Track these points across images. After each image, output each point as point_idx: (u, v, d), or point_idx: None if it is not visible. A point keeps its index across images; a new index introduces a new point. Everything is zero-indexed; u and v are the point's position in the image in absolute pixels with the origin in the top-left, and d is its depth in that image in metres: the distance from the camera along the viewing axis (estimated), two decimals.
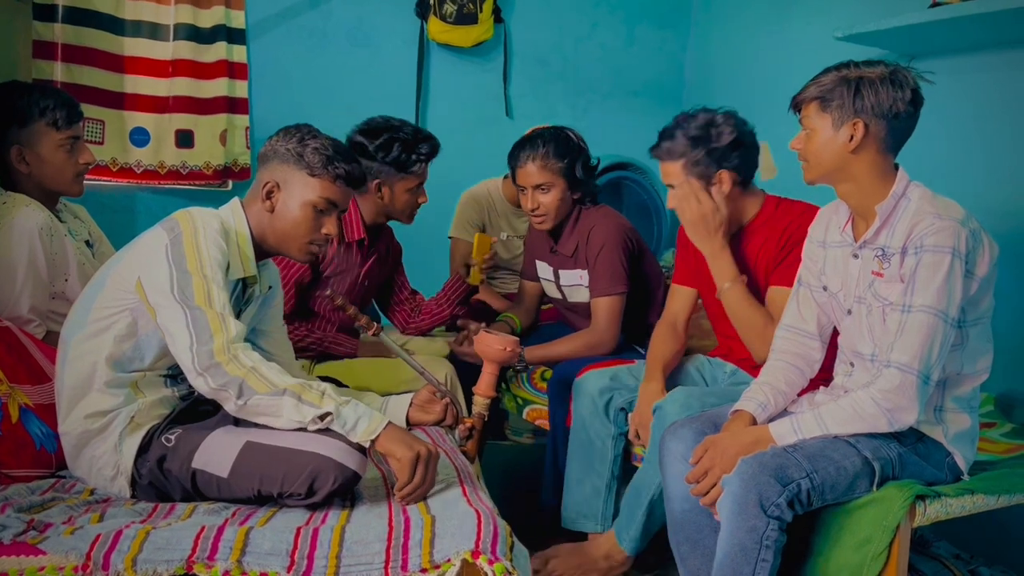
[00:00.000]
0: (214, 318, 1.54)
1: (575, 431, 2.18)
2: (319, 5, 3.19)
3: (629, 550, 2.02)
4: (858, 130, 1.60)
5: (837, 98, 1.60)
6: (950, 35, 2.35)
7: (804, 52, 2.44)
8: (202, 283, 1.56)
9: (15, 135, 1.92)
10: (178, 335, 1.54)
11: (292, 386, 1.53)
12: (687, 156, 1.97)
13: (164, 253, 1.57)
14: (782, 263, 1.96)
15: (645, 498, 1.97)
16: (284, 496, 1.54)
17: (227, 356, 1.52)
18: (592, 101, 3.71)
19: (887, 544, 1.51)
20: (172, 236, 1.59)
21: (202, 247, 1.59)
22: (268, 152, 1.75)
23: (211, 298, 1.55)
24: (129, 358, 1.64)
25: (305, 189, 1.71)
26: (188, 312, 1.54)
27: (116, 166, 2.85)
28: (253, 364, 1.54)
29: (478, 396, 2.01)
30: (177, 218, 1.64)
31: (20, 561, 1.30)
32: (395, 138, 2.27)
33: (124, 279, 1.62)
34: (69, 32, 2.72)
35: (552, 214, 2.38)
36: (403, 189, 2.32)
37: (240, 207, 1.75)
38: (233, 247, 1.69)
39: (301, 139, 1.72)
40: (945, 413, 1.65)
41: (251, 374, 1.52)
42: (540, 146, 2.35)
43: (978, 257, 1.55)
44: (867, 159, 1.62)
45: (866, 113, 1.59)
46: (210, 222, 1.63)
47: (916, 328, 1.52)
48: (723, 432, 1.70)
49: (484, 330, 2.09)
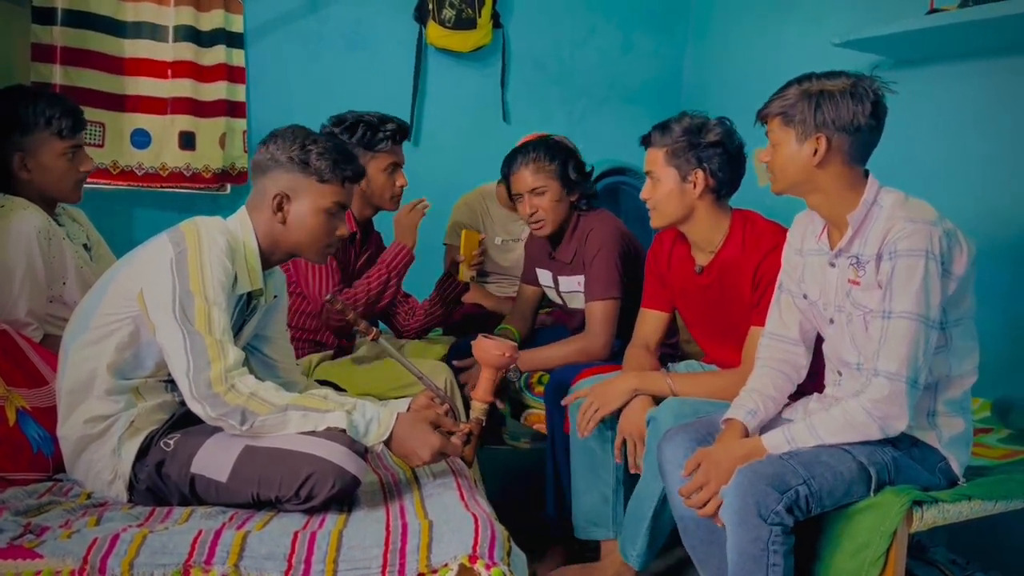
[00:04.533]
0: (212, 344, 1.54)
1: (575, 439, 2.18)
2: (318, 9, 3.19)
3: (638, 566, 1.99)
4: (821, 144, 1.61)
5: (799, 113, 1.62)
6: (947, 41, 2.36)
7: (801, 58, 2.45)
8: (204, 306, 1.55)
9: (18, 142, 1.92)
10: (176, 357, 1.55)
11: (293, 400, 1.56)
12: (671, 145, 1.98)
13: (169, 267, 1.56)
14: (759, 304, 1.96)
15: (648, 510, 1.94)
16: (282, 500, 1.54)
17: (225, 386, 1.53)
18: (589, 107, 3.72)
19: (884, 549, 1.51)
20: (178, 251, 1.58)
21: (206, 266, 1.57)
22: (267, 160, 1.72)
23: (211, 322, 1.55)
24: (131, 366, 1.64)
25: (317, 197, 1.71)
26: (187, 336, 1.53)
27: (116, 169, 2.83)
28: (251, 390, 1.54)
29: (476, 401, 2.01)
30: (184, 231, 1.62)
31: (17, 565, 1.30)
32: (360, 121, 2.34)
33: (127, 288, 1.61)
34: (68, 35, 2.71)
35: (550, 217, 2.39)
36: (376, 169, 2.36)
37: (248, 218, 1.73)
38: (240, 260, 1.68)
39: (303, 146, 1.70)
40: (938, 418, 1.65)
41: (251, 400, 1.54)
42: (531, 151, 2.38)
43: (954, 256, 1.56)
44: (833, 171, 1.63)
45: (827, 127, 1.60)
46: (216, 239, 1.61)
47: (899, 334, 1.53)
48: (716, 444, 1.70)
49: (482, 335, 2.09)
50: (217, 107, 2.96)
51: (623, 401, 2.01)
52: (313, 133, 1.75)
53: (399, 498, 1.61)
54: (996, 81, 2.37)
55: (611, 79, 3.75)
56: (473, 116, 3.49)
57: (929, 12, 2.30)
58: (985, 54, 2.38)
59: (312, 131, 1.76)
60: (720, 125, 2.01)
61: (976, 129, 2.42)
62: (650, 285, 2.24)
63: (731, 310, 2.04)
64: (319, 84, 3.18)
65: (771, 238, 1.98)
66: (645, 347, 2.20)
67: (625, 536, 2.01)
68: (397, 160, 2.39)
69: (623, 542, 2.02)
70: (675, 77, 3.84)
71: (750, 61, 3.35)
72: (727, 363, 2.09)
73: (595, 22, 3.70)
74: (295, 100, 3.12)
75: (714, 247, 2.04)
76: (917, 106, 1.71)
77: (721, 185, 2.00)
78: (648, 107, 3.71)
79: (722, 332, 2.11)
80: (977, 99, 2.42)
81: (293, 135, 1.72)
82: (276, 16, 3.12)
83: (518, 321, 2.63)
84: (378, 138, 2.34)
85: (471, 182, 3.09)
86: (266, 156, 1.72)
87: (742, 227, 2.03)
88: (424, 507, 1.55)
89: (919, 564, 2.02)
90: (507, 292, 3.00)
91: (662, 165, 2.00)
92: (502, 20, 3.46)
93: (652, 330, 2.22)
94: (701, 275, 2.07)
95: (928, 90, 2.50)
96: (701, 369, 2.24)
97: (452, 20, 3.31)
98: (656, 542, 1.98)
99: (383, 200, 2.41)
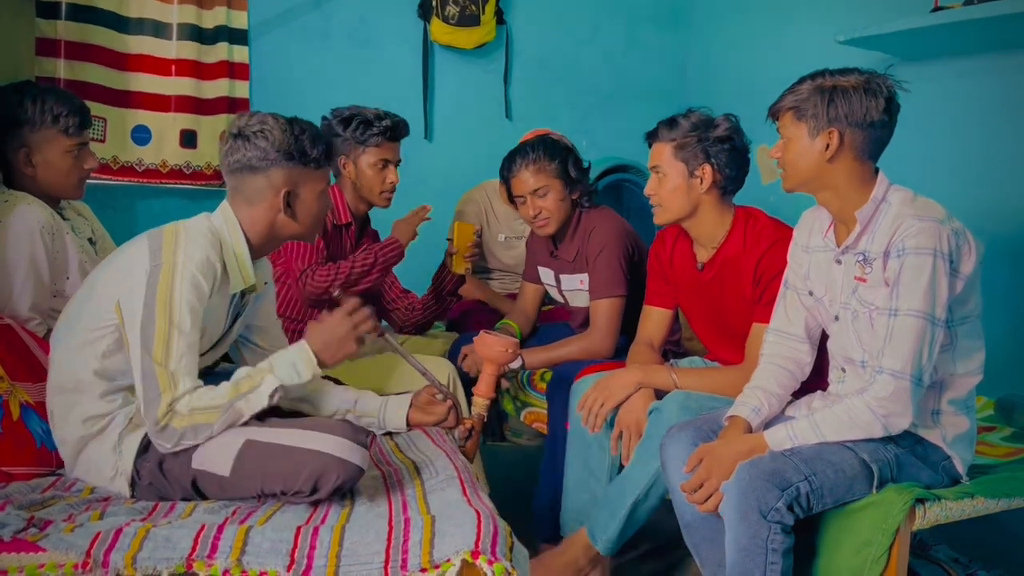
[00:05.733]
0: (163, 375, 1.53)
1: (573, 436, 2.17)
2: (322, 6, 3.19)
3: (604, 550, 1.96)
4: (833, 139, 1.60)
5: (811, 108, 1.61)
6: (952, 39, 2.36)
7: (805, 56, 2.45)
8: (164, 330, 1.53)
9: (24, 138, 1.92)
10: (136, 381, 1.55)
11: (230, 393, 1.57)
12: (679, 139, 1.98)
13: (144, 280, 1.55)
14: (760, 300, 1.96)
15: (629, 498, 1.91)
16: (288, 494, 1.54)
17: (168, 416, 1.53)
18: (593, 104, 3.72)
19: (887, 547, 1.51)
20: (153, 264, 1.55)
21: (176, 288, 1.54)
22: (258, 160, 1.65)
23: (168, 350, 1.53)
24: (120, 371, 1.62)
25: (316, 183, 1.73)
26: (142, 363, 1.53)
27: (117, 164, 2.84)
28: (190, 407, 1.54)
29: (478, 397, 2.01)
30: (164, 240, 1.59)
31: (20, 558, 1.30)
32: (356, 115, 2.37)
33: (107, 295, 1.60)
34: (72, 29, 2.72)
35: (554, 216, 2.38)
36: (366, 164, 2.38)
37: (234, 215, 1.69)
38: (231, 260, 1.67)
39: (296, 137, 1.66)
40: (942, 416, 1.65)
41: (195, 415, 1.54)
42: (530, 152, 2.37)
43: (963, 255, 1.55)
44: (844, 167, 1.63)
45: (840, 122, 1.60)
46: (194, 254, 1.57)
47: (904, 332, 1.53)
48: (718, 440, 1.70)
49: (484, 331, 2.09)
50: (219, 104, 2.96)
51: (627, 394, 2.01)
52: (288, 119, 1.69)
53: (402, 493, 1.61)
54: (1000, 79, 2.36)
55: (615, 76, 3.75)
56: (477, 113, 3.49)
57: (934, 10, 2.30)
58: (989, 51, 2.37)
59: (283, 116, 1.70)
60: (727, 121, 2.00)
61: (980, 126, 2.42)
62: (653, 282, 2.24)
63: (733, 307, 2.04)
64: (323, 81, 3.19)
65: (772, 234, 1.98)
66: (649, 344, 2.20)
67: (596, 520, 1.97)
68: (388, 157, 2.39)
69: (592, 526, 1.98)
70: (679, 74, 3.84)
71: (754, 58, 3.35)
72: (730, 360, 2.09)
73: (599, 19, 3.70)
74: (299, 97, 3.11)
75: (716, 244, 2.04)
76: (921, 103, 1.70)
77: (728, 181, 2.00)
78: (652, 104, 3.71)
79: (724, 329, 2.11)
80: (981, 96, 2.41)
81: (279, 128, 1.66)
82: (280, 12, 3.13)
83: (520, 318, 2.63)
84: (369, 132, 2.35)
85: (475, 178, 3.09)
86: (256, 154, 1.65)
87: (744, 224, 2.02)
88: (427, 502, 1.55)
89: (921, 562, 2.01)
90: (510, 289, 3.00)
91: (669, 159, 1.99)
92: (506, 17, 3.46)
93: (655, 327, 2.22)
94: (703, 272, 2.07)
95: (932, 88, 2.49)
96: (704, 366, 2.23)
97: (456, 17, 3.30)
98: (627, 532, 1.95)
99: (372, 195, 2.42)
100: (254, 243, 1.72)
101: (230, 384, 1.59)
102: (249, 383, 1.59)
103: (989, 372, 1.68)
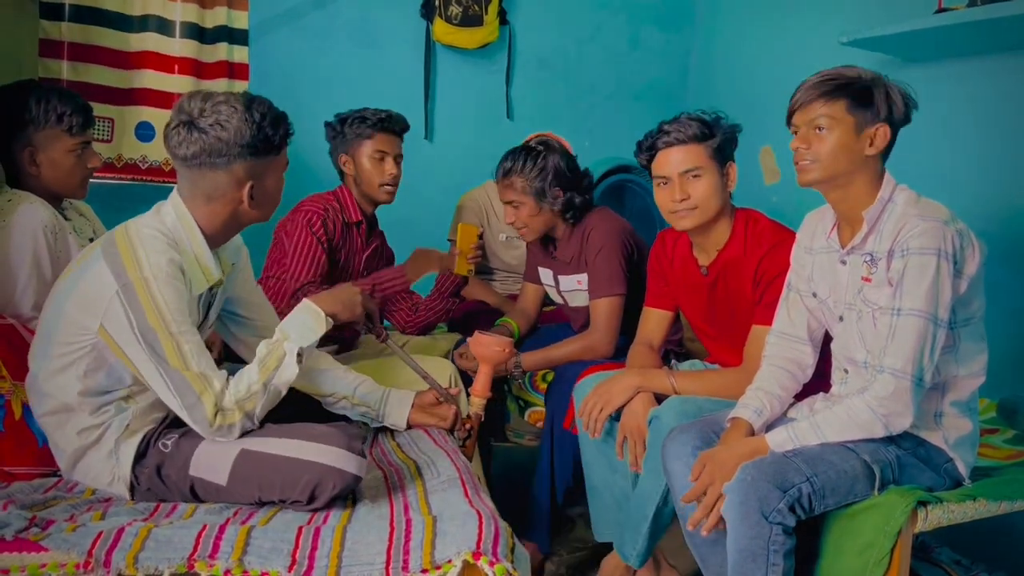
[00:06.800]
0: (194, 379, 1.52)
1: (585, 437, 2.17)
2: (324, 5, 3.19)
3: (637, 564, 1.98)
4: (879, 134, 1.59)
5: (870, 99, 1.58)
6: (955, 40, 2.35)
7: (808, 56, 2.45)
8: (170, 341, 1.50)
9: (28, 137, 1.93)
10: (164, 396, 1.55)
11: (261, 374, 1.58)
12: (718, 141, 1.94)
13: (118, 302, 1.49)
14: (760, 302, 1.95)
15: (649, 511, 1.92)
16: (286, 502, 1.54)
17: (219, 417, 1.54)
18: (595, 104, 3.72)
19: (889, 549, 1.51)
20: (122, 283, 1.49)
21: (158, 298, 1.49)
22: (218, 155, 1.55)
23: (184, 356, 1.51)
24: (107, 384, 1.59)
25: (279, 168, 1.67)
26: (165, 375, 1.51)
27: (121, 162, 2.83)
28: (235, 399, 1.55)
29: (475, 397, 2.02)
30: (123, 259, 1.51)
31: (22, 558, 1.30)
32: (353, 112, 2.44)
33: (79, 321, 1.54)
34: (76, 30, 2.72)
35: (530, 227, 2.41)
36: (364, 156, 2.42)
37: (187, 212, 1.61)
38: (190, 261, 1.61)
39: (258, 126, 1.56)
40: (944, 418, 1.65)
41: (242, 405, 1.55)
42: (510, 163, 2.37)
43: (966, 256, 1.55)
44: (873, 165, 1.62)
45: (889, 118, 1.59)
46: (157, 260, 1.52)
47: (907, 332, 1.52)
48: (720, 445, 1.69)
49: (479, 331, 2.09)
50: None
51: (626, 398, 2.00)
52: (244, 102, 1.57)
53: (403, 494, 1.61)
54: (1003, 80, 2.36)
55: (617, 76, 3.74)
56: (480, 112, 3.49)
57: (937, 11, 2.29)
58: (993, 53, 2.37)
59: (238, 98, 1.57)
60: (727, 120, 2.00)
61: (983, 128, 2.41)
62: (653, 284, 2.24)
63: (734, 309, 2.04)
64: (325, 80, 3.19)
65: (772, 236, 1.97)
66: (648, 345, 2.20)
67: (625, 538, 1.99)
68: (384, 148, 2.42)
69: (620, 546, 2.01)
70: (681, 75, 3.84)
71: (757, 59, 3.34)
72: (730, 362, 2.09)
73: (601, 19, 3.70)
74: (300, 97, 3.12)
75: (718, 246, 2.04)
76: (924, 105, 1.70)
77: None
78: (655, 104, 3.71)
79: (725, 331, 2.10)
80: (984, 98, 2.41)
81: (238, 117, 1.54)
82: (282, 12, 3.13)
83: (521, 318, 2.63)
84: (364, 125, 2.40)
85: (476, 178, 3.09)
86: (215, 148, 1.54)
87: (744, 226, 2.02)
88: (428, 503, 1.55)
89: (923, 564, 2.01)
90: (512, 289, 3.00)
91: (707, 161, 1.95)
92: (508, 17, 3.46)
93: (655, 328, 2.22)
94: (705, 275, 2.07)
95: (935, 89, 2.49)
96: (704, 368, 2.23)
97: (458, 17, 3.30)
98: (655, 539, 1.97)
99: (373, 188, 2.44)
100: (212, 237, 1.64)
101: (256, 366, 1.59)
102: (274, 358, 1.60)
103: (991, 374, 1.68)
